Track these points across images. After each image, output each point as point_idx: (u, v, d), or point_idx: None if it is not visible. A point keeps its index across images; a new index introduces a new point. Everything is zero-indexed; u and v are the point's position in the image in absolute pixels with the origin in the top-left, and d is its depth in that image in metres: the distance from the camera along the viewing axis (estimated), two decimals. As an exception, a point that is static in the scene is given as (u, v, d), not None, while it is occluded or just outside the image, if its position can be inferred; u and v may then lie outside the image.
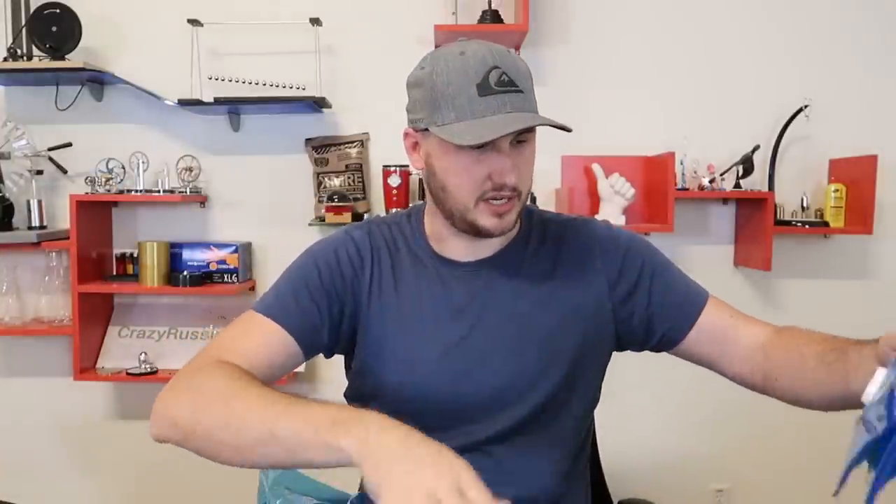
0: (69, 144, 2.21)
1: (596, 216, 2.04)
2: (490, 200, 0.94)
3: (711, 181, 2.15)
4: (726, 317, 1.04)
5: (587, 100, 2.23)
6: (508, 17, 2.14)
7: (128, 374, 2.14)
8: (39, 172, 2.20)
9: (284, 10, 2.19)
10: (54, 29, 2.06)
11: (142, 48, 2.23)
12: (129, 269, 2.23)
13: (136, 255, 2.20)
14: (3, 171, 2.18)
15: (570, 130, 0.92)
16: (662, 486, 2.26)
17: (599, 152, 2.20)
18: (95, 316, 2.21)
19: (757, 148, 2.18)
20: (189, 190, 2.19)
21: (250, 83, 2.19)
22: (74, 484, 2.34)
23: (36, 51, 2.10)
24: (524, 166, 0.96)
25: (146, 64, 2.22)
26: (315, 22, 2.12)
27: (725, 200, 2.26)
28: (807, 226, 2.15)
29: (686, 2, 2.24)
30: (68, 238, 2.10)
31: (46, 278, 2.22)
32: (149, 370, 2.14)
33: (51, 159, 2.22)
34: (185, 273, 2.12)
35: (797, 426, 2.15)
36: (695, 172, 2.20)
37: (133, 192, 2.15)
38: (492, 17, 2.08)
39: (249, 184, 2.27)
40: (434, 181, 0.98)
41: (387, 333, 1.01)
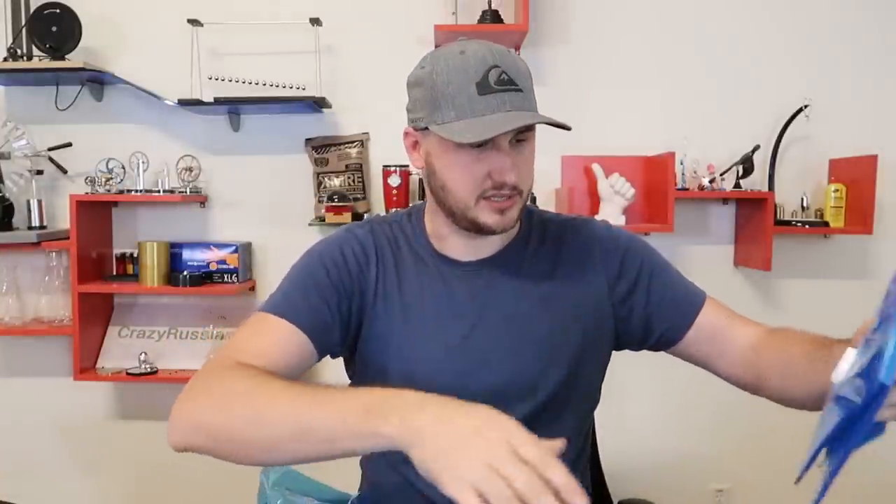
0: (69, 144, 2.21)
1: (596, 216, 2.04)
2: (491, 198, 0.94)
3: (711, 181, 2.15)
4: (723, 317, 1.05)
5: (587, 100, 2.23)
6: (508, 17, 2.14)
7: (128, 374, 2.14)
8: (39, 172, 2.20)
9: (284, 10, 2.19)
10: (54, 29, 2.07)
11: (142, 48, 2.23)
12: (129, 269, 2.23)
13: (136, 255, 2.20)
14: (3, 171, 2.18)
15: (569, 129, 0.92)
16: (662, 486, 2.26)
17: (599, 152, 2.20)
18: (95, 316, 2.21)
19: (757, 148, 2.18)
20: (189, 190, 2.19)
21: (250, 83, 2.20)
22: (75, 484, 2.34)
23: (36, 51, 2.11)
24: (524, 165, 0.96)
25: (146, 64, 2.22)
26: (315, 22, 2.12)
27: (725, 200, 2.26)
28: (807, 226, 2.15)
29: (686, 2, 2.24)
30: (68, 238, 2.10)
31: (46, 278, 2.22)
32: (149, 370, 2.13)
33: (51, 159, 2.22)
34: (185, 273, 2.12)
35: (797, 426, 2.11)
36: (695, 172, 2.20)
37: (133, 192, 2.15)
38: (492, 17, 2.08)
39: (249, 184, 2.27)
40: (434, 180, 0.98)
41: (392, 330, 1.01)
